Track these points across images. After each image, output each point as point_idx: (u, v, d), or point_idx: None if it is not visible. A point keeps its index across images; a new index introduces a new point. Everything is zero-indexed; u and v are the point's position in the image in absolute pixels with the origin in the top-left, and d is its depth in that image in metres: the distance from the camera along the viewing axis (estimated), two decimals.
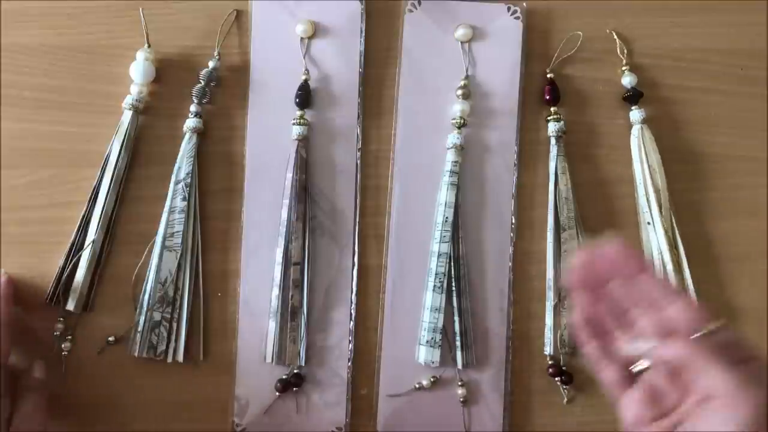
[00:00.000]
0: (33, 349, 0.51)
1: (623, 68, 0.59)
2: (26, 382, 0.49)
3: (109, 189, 0.54)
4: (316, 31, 0.57)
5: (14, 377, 0.48)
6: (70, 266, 0.53)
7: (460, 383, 0.55)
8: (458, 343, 0.55)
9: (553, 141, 0.58)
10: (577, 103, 0.59)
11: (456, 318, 0.55)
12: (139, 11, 0.56)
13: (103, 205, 0.54)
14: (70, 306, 0.53)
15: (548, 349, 0.56)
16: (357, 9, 0.58)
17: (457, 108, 0.57)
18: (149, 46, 0.56)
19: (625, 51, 0.59)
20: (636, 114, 0.58)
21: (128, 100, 0.55)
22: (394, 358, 0.55)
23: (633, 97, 0.58)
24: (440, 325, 0.54)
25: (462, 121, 0.56)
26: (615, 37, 0.59)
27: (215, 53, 0.57)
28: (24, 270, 0.54)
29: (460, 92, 0.57)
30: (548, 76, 0.59)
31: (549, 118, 0.58)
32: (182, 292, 0.54)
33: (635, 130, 0.58)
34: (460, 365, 0.55)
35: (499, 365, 0.56)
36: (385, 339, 0.55)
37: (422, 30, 0.58)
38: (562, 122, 0.58)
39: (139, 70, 0.55)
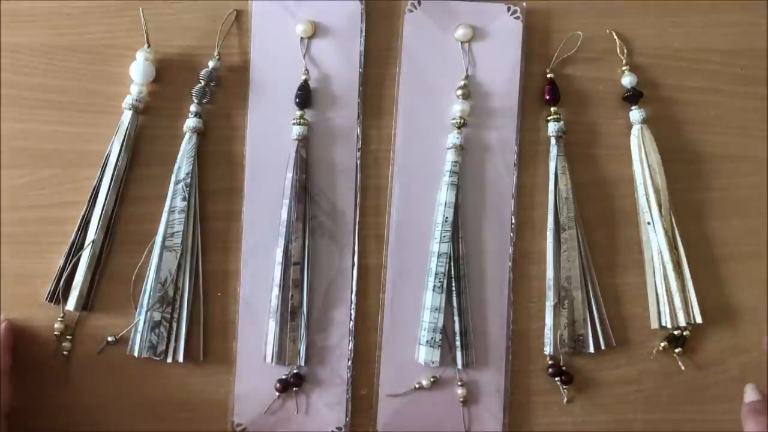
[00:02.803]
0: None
1: (623, 68, 0.59)
2: None
3: (109, 189, 0.54)
4: (316, 31, 0.57)
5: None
6: (70, 266, 0.53)
7: (459, 383, 0.55)
8: (458, 343, 0.55)
9: (553, 141, 0.58)
10: (577, 103, 0.59)
11: (456, 318, 0.55)
12: (139, 11, 0.56)
13: (103, 205, 0.54)
14: (70, 306, 0.53)
15: (548, 349, 0.56)
16: (357, 9, 0.58)
17: (457, 108, 0.57)
18: (149, 46, 0.56)
19: (625, 51, 0.59)
20: (636, 114, 0.58)
21: (128, 100, 0.55)
22: (394, 358, 0.55)
23: (633, 97, 0.58)
24: (440, 325, 0.54)
25: (462, 121, 0.56)
26: (615, 37, 0.59)
27: (215, 53, 0.57)
28: (24, 270, 0.54)
29: (460, 92, 0.57)
30: (548, 76, 0.59)
31: (549, 118, 0.58)
32: (182, 292, 0.54)
33: (635, 130, 0.58)
34: (460, 365, 0.55)
35: (499, 365, 0.56)
36: (385, 339, 0.55)
37: (422, 30, 0.58)
38: (562, 122, 0.58)
39: (139, 70, 0.55)
